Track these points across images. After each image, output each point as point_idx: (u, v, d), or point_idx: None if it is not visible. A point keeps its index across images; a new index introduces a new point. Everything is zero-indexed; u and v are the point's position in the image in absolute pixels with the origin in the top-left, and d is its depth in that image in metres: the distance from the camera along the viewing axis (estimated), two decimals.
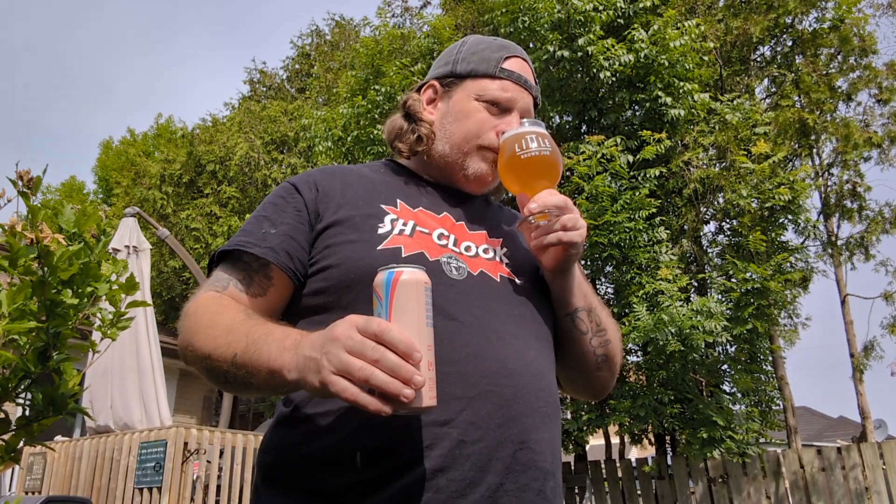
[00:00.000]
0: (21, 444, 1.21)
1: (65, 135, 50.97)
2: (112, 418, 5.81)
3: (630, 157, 6.56)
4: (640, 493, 6.98)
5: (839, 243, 9.72)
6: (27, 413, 1.21)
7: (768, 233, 6.41)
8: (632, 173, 6.48)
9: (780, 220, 6.65)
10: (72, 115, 51.18)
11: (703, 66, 7.54)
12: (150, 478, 4.99)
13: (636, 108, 7.33)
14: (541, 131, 1.08)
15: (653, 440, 7.60)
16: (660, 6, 7.52)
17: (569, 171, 6.66)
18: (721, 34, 8.62)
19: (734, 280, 6.10)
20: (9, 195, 1.22)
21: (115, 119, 51.43)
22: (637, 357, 6.87)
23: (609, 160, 6.34)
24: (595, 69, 6.83)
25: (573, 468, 7.41)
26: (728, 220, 7.47)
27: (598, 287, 7.46)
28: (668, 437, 7.48)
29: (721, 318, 5.63)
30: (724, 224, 7.78)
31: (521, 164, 1.06)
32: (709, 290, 6.84)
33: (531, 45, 7.33)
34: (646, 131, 6.45)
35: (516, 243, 1.13)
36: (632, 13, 7.35)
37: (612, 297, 7.11)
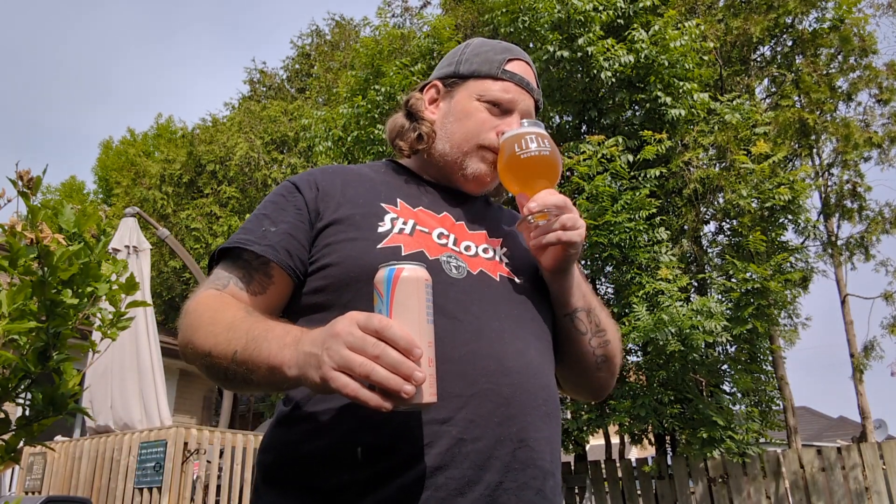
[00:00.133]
0: (21, 444, 1.21)
1: (65, 135, 50.99)
2: (112, 418, 5.81)
3: (630, 157, 6.56)
4: (640, 493, 6.97)
5: (839, 243, 9.72)
6: (27, 413, 1.21)
7: (768, 233, 6.41)
8: (632, 173, 6.48)
9: (780, 220, 6.65)
10: (72, 115, 51.20)
11: (703, 66, 7.54)
12: (150, 478, 4.99)
13: (636, 108, 7.33)
14: (540, 132, 1.08)
15: (653, 440, 7.60)
16: (660, 6, 7.52)
17: (569, 171, 6.66)
18: (721, 34, 8.62)
19: (734, 280, 6.10)
20: (9, 195, 1.22)
21: (115, 119, 51.45)
22: (637, 357, 6.86)
23: (609, 160, 6.34)
24: (595, 69, 6.83)
25: (573, 468, 7.41)
26: (728, 220, 7.47)
27: (598, 287, 7.46)
28: (668, 437, 7.48)
29: (721, 318, 5.62)
30: (724, 224, 7.78)
31: (520, 164, 1.06)
32: (709, 290, 6.84)
33: (531, 45, 7.32)
34: (646, 131, 6.45)
35: (516, 243, 1.13)
36: (632, 13, 7.35)
37: (612, 297, 7.11)
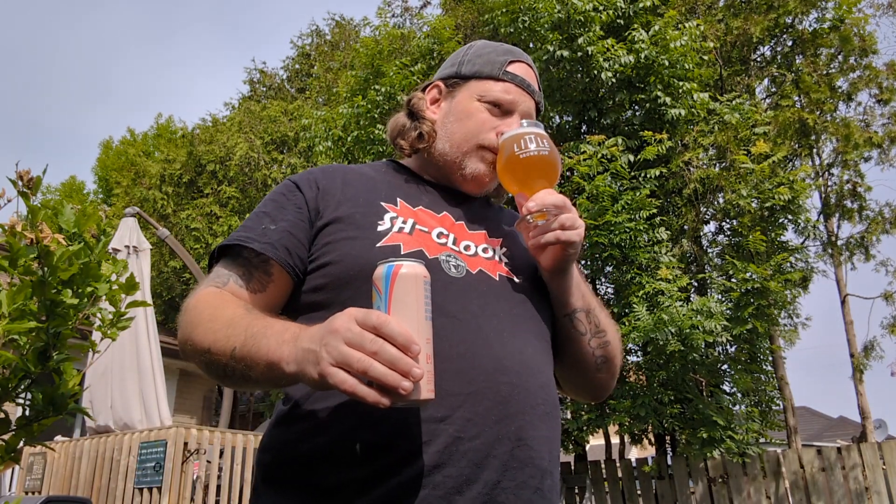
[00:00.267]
0: (21, 444, 1.21)
1: (65, 135, 51.00)
2: (112, 418, 5.81)
3: (630, 157, 6.56)
4: (640, 493, 6.97)
5: (839, 243, 9.72)
6: (27, 413, 1.21)
7: (768, 233, 6.41)
8: (632, 173, 6.48)
9: (780, 220, 6.65)
10: (72, 115, 51.21)
11: (703, 66, 7.54)
12: (150, 478, 4.99)
13: (636, 108, 7.33)
14: (539, 132, 1.08)
15: (653, 440, 7.60)
16: (660, 6, 7.52)
17: (569, 171, 6.66)
18: (721, 34, 8.62)
19: (734, 280, 6.10)
20: (9, 195, 1.22)
21: (115, 119, 51.47)
22: (637, 357, 6.86)
23: (610, 160, 6.34)
24: (595, 69, 6.83)
25: (573, 468, 7.40)
26: (728, 220, 7.47)
27: (598, 287, 7.46)
28: (668, 437, 7.48)
29: (721, 318, 5.62)
30: (724, 224, 7.78)
31: (519, 163, 1.06)
32: (709, 290, 6.84)
33: (531, 46, 7.32)
34: (647, 131, 6.45)
35: (516, 243, 1.13)
36: (632, 13, 7.35)
37: (612, 297, 7.11)
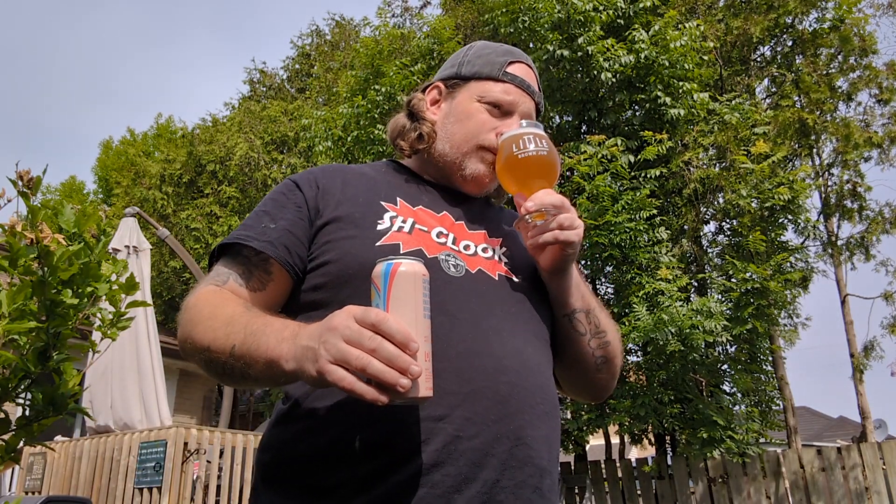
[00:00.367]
0: (21, 444, 1.21)
1: (65, 135, 51.00)
2: (112, 418, 5.81)
3: (630, 157, 6.56)
4: (640, 493, 6.98)
5: (839, 243, 9.72)
6: (27, 413, 1.21)
7: (768, 233, 6.41)
8: (632, 173, 6.48)
9: (780, 220, 6.65)
10: (72, 115, 51.22)
11: (703, 66, 7.54)
12: (150, 478, 4.99)
13: (636, 108, 7.33)
14: (538, 132, 1.08)
15: (653, 440, 7.60)
16: (660, 6, 7.52)
17: (569, 171, 6.66)
18: (721, 34, 8.62)
19: (734, 280, 6.10)
20: (9, 195, 1.22)
21: (115, 119, 51.50)
22: (637, 357, 6.86)
23: (610, 160, 6.34)
24: (595, 69, 6.83)
25: (573, 468, 7.40)
26: (728, 220, 7.47)
27: (598, 287, 7.46)
28: (668, 437, 7.48)
29: (721, 318, 5.62)
30: (724, 224, 7.78)
31: (518, 164, 1.06)
32: (709, 290, 6.84)
33: (531, 45, 7.32)
34: (647, 132, 6.45)
35: (516, 243, 1.13)
36: (632, 13, 7.35)
37: (612, 297, 7.11)
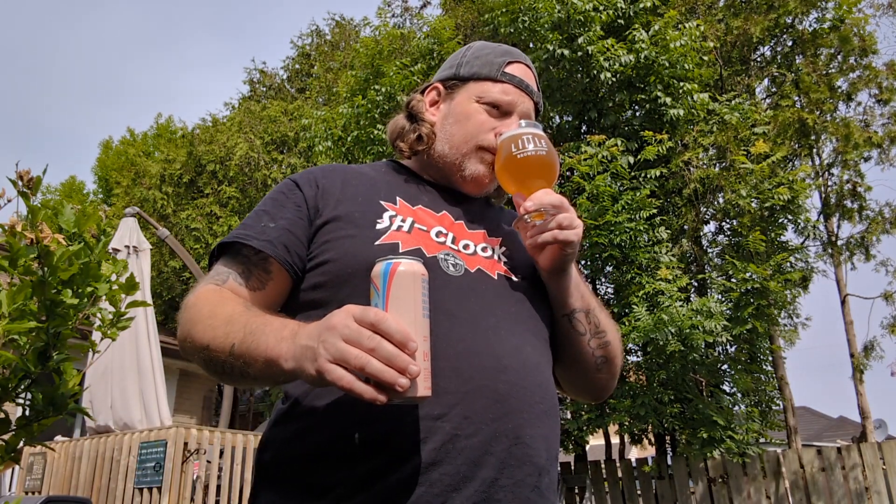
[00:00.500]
0: (21, 444, 1.21)
1: (65, 135, 51.02)
2: (112, 418, 5.81)
3: (630, 158, 6.56)
4: (640, 493, 6.98)
5: (839, 243, 9.72)
6: (27, 413, 1.21)
7: (768, 233, 6.41)
8: (632, 173, 6.48)
9: (780, 220, 6.65)
10: (72, 115, 51.23)
11: (703, 66, 7.54)
12: (150, 478, 4.99)
13: (636, 108, 7.33)
14: (537, 132, 1.08)
15: (653, 440, 7.60)
16: (660, 7, 7.52)
17: (569, 171, 6.66)
18: (721, 34, 8.62)
19: (734, 280, 6.10)
20: (9, 195, 1.22)
21: (115, 119, 51.52)
22: (637, 357, 6.86)
23: (610, 160, 6.34)
24: (595, 69, 6.83)
25: (573, 468, 7.40)
26: (728, 220, 7.47)
27: (598, 287, 7.46)
28: (668, 437, 7.48)
29: (721, 318, 5.62)
30: (724, 224, 7.78)
31: (517, 163, 1.06)
32: (709, 290, 6.84)
33: (531, 45, 7.32)
34: (647, 132, 6.45)
35: (515, 243, 1.14)
36: (632, 14, 7.35)
37: (612, 297, 7.11)
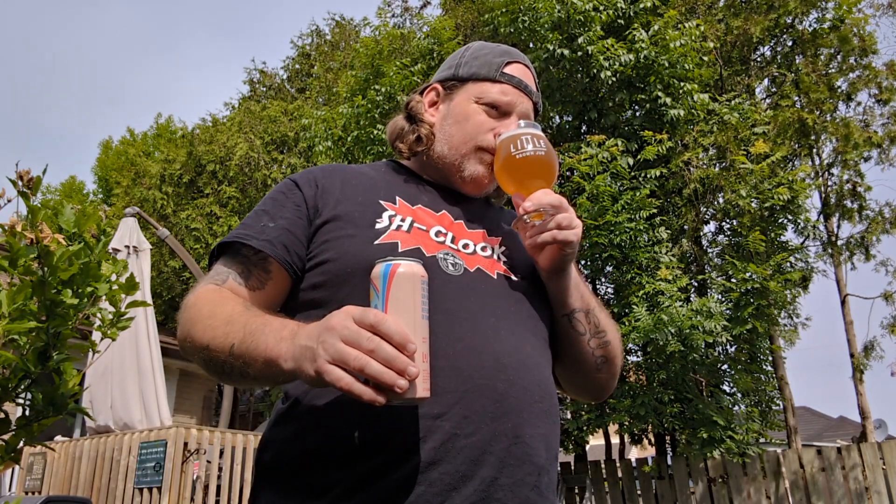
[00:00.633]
0: (21, 444, 1.21)
1: (65, 135, 51.03)
2: (112, 418, 5.81)
3: (630, 159, 6.56)
4: (640, 493, 6.98)
5: (839, 243, 9.71)
6: (27, 413, 1.21)
7: (768, 233, 6.41)
8: (632, 173, 6.48)
9: (780, 220, 6.66)
10: (72, 115, 51.24)
11: (703, 66, 7.54)
12: (150, 478, 4.99)
13: (636, 108, 7.33)
14: (536, 132, 1.08)
15: (653, 440, 7.60)
16: (660, 7, 7.52)
17: (569, 171, 6.66)
18: (721, 34, 8.62)
19: (734, 280, 6.10)
20: (9, 195, 1.22)
21: (115, 119, 51.53)
22: (637, 357, 6.86)
23: (610, 160, 6.34)
24: (595, 69, 6.83)
25: (573, 468, 7.40)
26: (728, 220, 7.47)
27: (598, 287, 7.46)
28: (668, 437, 7.48)
29: (721, 318, 5.62)
30: (724, 224, 7.78)
31: (516, 164, 1.06)
32: (709, 291, 6.84)
33: (531, 45, 7.32)
34: (647, 132, 6.45)
35: (515, 242, 1.14)
36: (632, 14, 7.35)
37: (612, 297, 7.11)
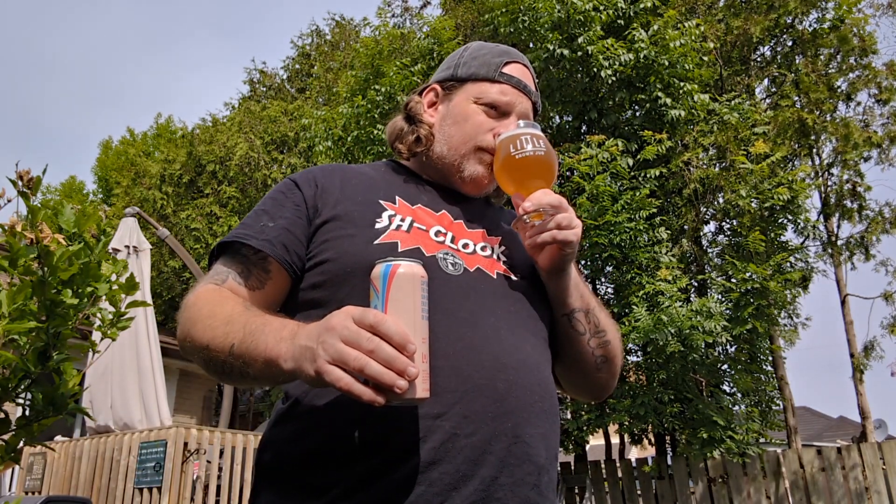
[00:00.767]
0: (21, 444, 1.21)
1: (65, 135, 51.03)
2: (112, 418, 5.81)
3: (630, 159, 6.56)
4: (640, 493, 6.98)
5: (839, 243, 9.71)
6: (27, 413, 1.21)
7: (768, 233, 6.41)
8: (632, 173, 6.48)
9: (780, 220, 6.65)
10: (72, 115, 51.24)
11: (703, 66, 7.54)
12: (150, 478, 4.99)
13: (636, 108, 7.33)
14: (536, 132, 1.08)
15: (653, 440, 7.60)
16: (660, 7, 7.52)
17: (569, 171, 6.66)
18: (721, 34, 8.62)
19: (734, 280, 6.10)
20: (9, 195, 1.22)
21: (115, 119, 51.54)
22: (637, 357, 6.87)
23: (610, 160, 6.35)
24: (595, 68, 6.83)
25: (573, 468, 7.40)
26: (728, 220, 7.47)
27: (598, 287, 7.46)
28: (668, 437, 7.48)
29: (721, 318, 5.62)
30: (723, 224, 7.78)
31: (516, 164, 1.06)
32: (709, 291, 6.84)
33: (531, 45, 7.32)
34: (647, 132, 6.45)
35: (515, 242, 1.14)
36: (632, 14, 7.35)
37: (612, 297, 7.11)
